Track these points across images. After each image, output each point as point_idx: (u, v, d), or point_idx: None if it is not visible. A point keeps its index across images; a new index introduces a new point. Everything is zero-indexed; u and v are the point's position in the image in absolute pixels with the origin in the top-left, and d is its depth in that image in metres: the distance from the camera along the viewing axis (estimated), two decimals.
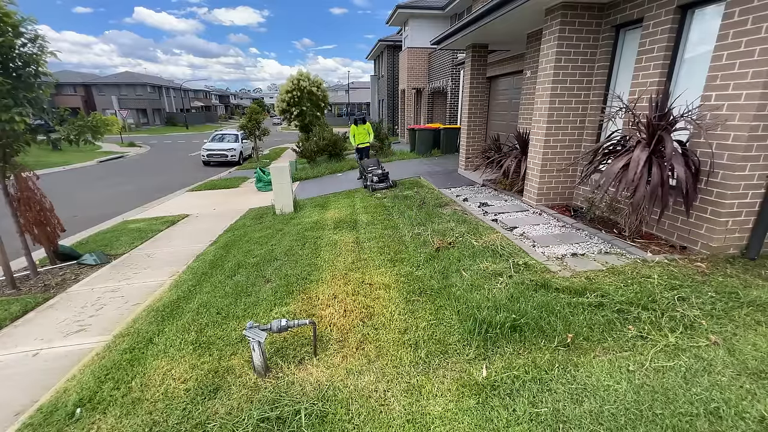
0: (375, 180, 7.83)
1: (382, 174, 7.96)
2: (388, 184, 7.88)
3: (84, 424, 2.21)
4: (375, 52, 24.96)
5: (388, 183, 7.91)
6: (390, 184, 7.86)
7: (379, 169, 8.26)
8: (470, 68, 8.20)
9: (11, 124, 3.72)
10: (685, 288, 3.04)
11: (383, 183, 7.88)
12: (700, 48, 3.87)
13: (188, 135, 36.76)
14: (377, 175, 7.91)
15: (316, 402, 2.21)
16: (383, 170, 8.14)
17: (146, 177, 13.92)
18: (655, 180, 3.52)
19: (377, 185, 7.79)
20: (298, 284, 3.75)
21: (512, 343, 2.59)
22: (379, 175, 7.89)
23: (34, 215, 4.56)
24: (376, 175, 7.90)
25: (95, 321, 3.55)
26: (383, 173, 7.99)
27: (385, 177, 7.94)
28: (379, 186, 7.74)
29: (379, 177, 7.87)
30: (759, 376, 2.17)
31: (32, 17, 3.76)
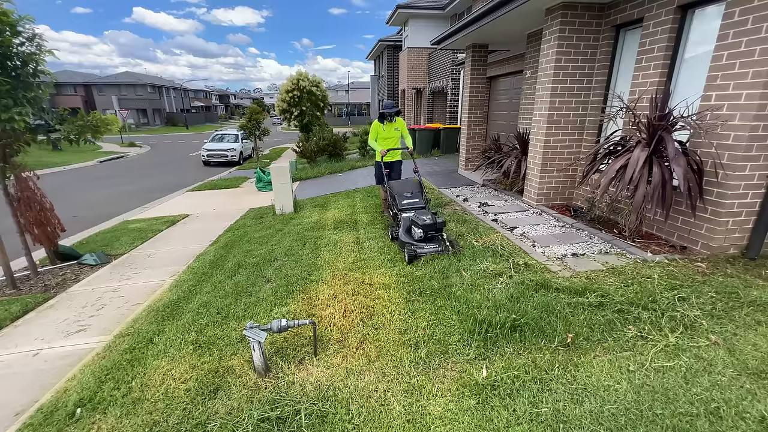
0: (419, 234, 4.03)
1: (433, 224, 4.04)
2: (444, 246, 4.05)
3: (84, 424, 2.20)
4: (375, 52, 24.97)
5: (443, 245, 4.06)
6: (447, 247, 4.05)
7: (423, 209, 4.43)
8: (470, 68, 8.20)
9: (11, 124, 3.72)
10: (685, 288, 3.04)
11: (434, 244, 4.07)
12: (701, 48, 3.87)
13: (188, 135, 36.76)
14: (424, 225, 4.01)
15: (316, 402, 2.21)
16: (435, 215, 4.16)
17: (146, 177, 13.92)
18: (655, 180, 3.52)
19: (422, 247, 4.00)
20: (298, 284, 3.75)
21: (512, 343, 2.59)
22: (426, 226, 4.01)
23: (35, 215, 4.56)
24: (423, 225, 4.01)
25: (95, 321, 3.55)
26: (434, 222, 4.05)
27: (437, 229, 4.11)
28: (425, 249, 3.98)
29: (425, 229, 4.02)
30: (759, 376, 2.17)
31: (29, 16, 3.75)
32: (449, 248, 4.03)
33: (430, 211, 4.36)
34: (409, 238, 4.14)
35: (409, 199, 4.62)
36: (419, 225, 4.00)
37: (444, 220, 4.14)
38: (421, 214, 4.22)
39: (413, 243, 4.04)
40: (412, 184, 4.92)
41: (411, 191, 4.76)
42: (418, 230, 4.02)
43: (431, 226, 4.01)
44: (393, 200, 4.79)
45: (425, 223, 3.99)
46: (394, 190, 4.85)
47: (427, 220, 4.03)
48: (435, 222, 4.02)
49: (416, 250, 3.94)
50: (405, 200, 4.61)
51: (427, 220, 4.04)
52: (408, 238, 4.15)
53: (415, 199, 4.63)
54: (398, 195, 4.74)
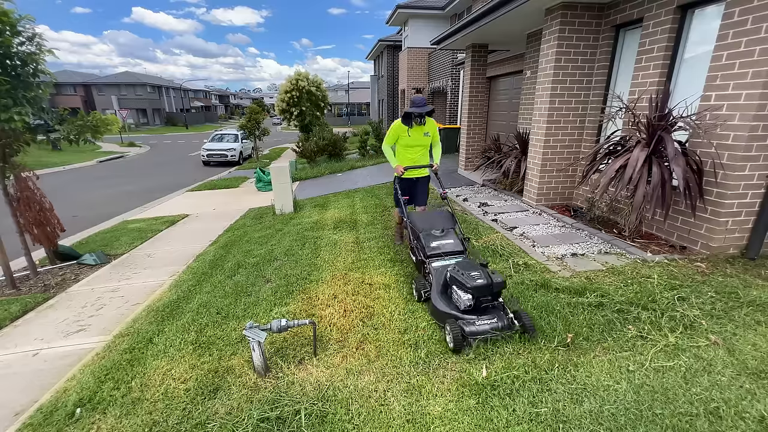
0: (467, 302, 2.61)
1: (488, 284, 2.58)
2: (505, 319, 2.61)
3: (84, 424, 2.20)
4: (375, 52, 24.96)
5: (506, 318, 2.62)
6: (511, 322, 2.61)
7: (469, 260, 3.08)
8: (470, 68, 8.20)
9: (10, 124, 3.71)
10: (685, 288, 3.04)
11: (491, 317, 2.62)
12: (700, 48, 3.87)
13: (188, 135, 36.75)
14: (474, 288, 2.56)
15: (316, 402, 2.21)
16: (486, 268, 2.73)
17: (146, 177, 13.91)
18: (655, 180, 3.52)
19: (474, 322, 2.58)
20: (298, 284, 3.75)
21: (512, 342, 2.59)
22: (477, 289, 2.57)
23: (34, 215, 4.56)
24: (472, 288, 2.56)
25: (95, 321, 3.55)
26: (490, 282, 2.59)
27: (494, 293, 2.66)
28: (480, 326, 2.57)
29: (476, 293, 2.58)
30: (759, 376, 2.17)
31: (29, 16, 3.75)
32: (515, 324, 2.58)
33: (480, 263, 2.78)
34: (450, 306, 2.73)
35: (439, 240, 3.30)
36: (467, 287, 2.57)
37: (504, 279, 2.63)
38: (466, 266, 2.74)
39: (458, 315, 2.62)
40: (441, 217, 3.60)
41: (441, 228, 3.43)
42: (465, 296, 2.60)
43: (486, 288, 2.56)
44: (417, 240, 3.44)
45: (476, 285, 2.55)
46: (417, 225, 3.52)
47: (479, 279, 2.57)
48: (491, 281, 2.57)
49: (464, 327, 2.52)
50: (434, 242, 3.29)
51: (479, 278, 2.58)
52: (447, 306, 2.74)
53: (448, 239, 3.31)
54: (424, 234, 3.37)
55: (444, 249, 3.26)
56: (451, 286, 2.80)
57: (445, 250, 3.26)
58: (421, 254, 3.31)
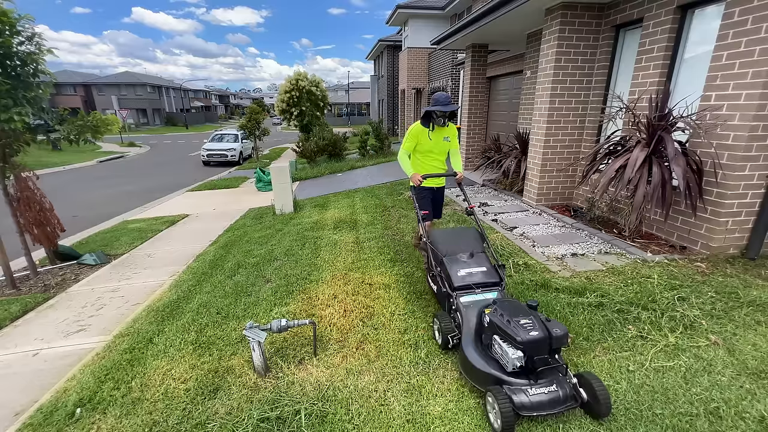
0: (516, 361, 1.92)
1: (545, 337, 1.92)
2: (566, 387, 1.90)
3: (84, 424, 2.20)
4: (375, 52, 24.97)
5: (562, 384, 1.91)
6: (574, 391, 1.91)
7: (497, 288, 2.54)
8: (470, 68, 8.21)
9: (10, 124, 3.71)
10: (685, 288, 3.04)
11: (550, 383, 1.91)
12: (700, 48, 3.88)
13: (188, 135, 36.75)
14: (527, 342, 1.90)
15: (316, 402, 2.21)
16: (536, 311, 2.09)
17: (146, 177, 13.91)
18: (655, 180, 3.52)
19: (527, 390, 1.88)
20: (298, 284, 3.75)
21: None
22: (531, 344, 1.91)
23: (34, 215, 4.56)
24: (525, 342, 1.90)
25: (95, 321, 3.55)
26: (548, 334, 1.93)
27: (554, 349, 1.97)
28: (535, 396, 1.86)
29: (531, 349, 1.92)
30: (759, 376, 2.17)
31: (29, 15, 3.75)
32: (581, 396, 1.92)
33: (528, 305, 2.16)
34: (490, 363, 2.07)
35: (468, 267, 2.64)
36: (517, 341, 1.93)
37: (567, 330, 1.97)
38: (511, 310, 2.12)
39: (503, 378, 1.98)
40: (468, 237, 2.94)
41: (470, 251, 2.78)
42: (513, 353, 1.94)
43: (543, 343, 1.93)
44: (439, 267, 2.79)
45: (530, 338, 1.92)
46: (440, 246, 2.86)
47: (534, 332, 1.94)
48: (549, 334, 1.94)
49: (512, 396, 1.87)
50: (462, 269, 2.63)
51: (533, 329, 1.95)
52: (486, 363, 2.08)
53: (479, 266, 2.65)
54: (449, 259, 2.73)
55: (475, 279, 2.58)
56: (492, 335, 2.12)
57: (476, 280, 2.57)
58: (446, 285, 2.62)
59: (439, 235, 3.04)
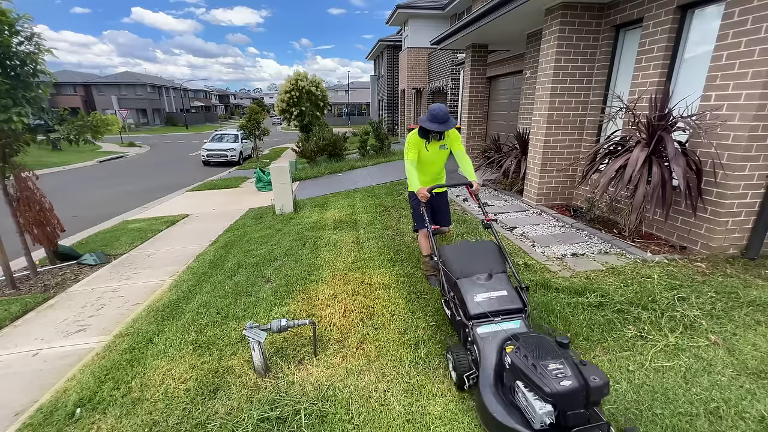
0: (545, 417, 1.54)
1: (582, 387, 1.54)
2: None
3: (84, 424, 2.20)
4: (375, 52, 24.97)
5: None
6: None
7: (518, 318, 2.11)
8: (470, 68, 8.21)
9: (10, 124, 3.71)
10: (685, 288, 3.04)
11: None
12: (700, 48, 3.88)
13: (188, 135, 36.74)
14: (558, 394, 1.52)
15: (316, 402, 2.21)
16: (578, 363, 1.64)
17: (146, 177, 13.91)
18: (655, 180, 3.52)
19: None
20: (298, 284, 3.75)
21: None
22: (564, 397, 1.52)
23: (34, 215, 4.56)
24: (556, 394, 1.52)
25: (95, 321, 3.55)
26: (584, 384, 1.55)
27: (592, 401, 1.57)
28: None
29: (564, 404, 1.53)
30: (759, 376, 2.17)
31: (28, 15, 3.75)
32: None
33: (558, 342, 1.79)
34: (514, 416, 1.72)
35: (486, 291, 2.27)
36: (545, 393, 1.59)
37: (606, 379, 1.63)
38: (537, 349, 1.77)
39: None
40: (486, 253, 2.57)
41: (488, 270, 2.40)
42: (542, 407, 1.60)
43: (577, 394, 1.59)
44: (453, 290, 2.45)
45: (562, 390, 1.57)
46: (454, 266, 2.47)
47: (567, 381, 1.59)
48: (586, 383, 1.60)
49: None
50: (479, 294, 2.26)
51: (566, 378, 1.60)
52: (509, 415, 1.73)
53: (499, 290, 2.28)
54: (464, 281, 2.36)
55: (494, 306, 2.20)
56: (515, 380, 1.76)
57: (495, 307, 2.19)
58: (461, 313, 2.28)
59: (452, 253, 2.58)
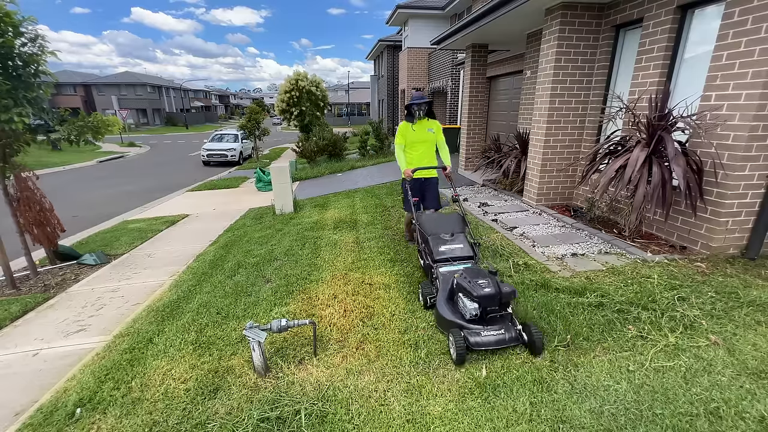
0: (473, 311, 2.50)
1: (496, 293, 2.45)
2: (514, 333, 2.47)
3: (84, 424, 2.20)
4: (375, 52, 24.97)
5: (513, 331, 2.48)
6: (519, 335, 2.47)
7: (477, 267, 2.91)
8: (470, 68, 8.20)
9: (10, 125, 3.72)
10: (685, 288, 3.04)
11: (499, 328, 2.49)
12: (700, 48, 3.88)
13: (188, 135, 36.75)
14: (481, 297, 2.45)
15: (316, 402, 2.21)
16: (495, 277, 2.60)
17: (146, 177, 13.91)
18: (655, 180, 3.52)
19: (479, 333, 2.47)
20: (298, 284, 3.75)
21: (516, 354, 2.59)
22: (484, 299, 2.45)
23: (34, 215, 4.56)
24: (479, 297, 2.45)
25: (95, 321, 3.55)
26: (498, 291, 2.46)
27: (502, 303, 2.54)
28: (486, 338, 2.45)
29: (483, 302, 2.47)
30: (759, 376, 2.17)
31: (32, 17, 3.76)
32: (523, 337, 2.44)
33: (489, 271, 2.62)
34: (455, 315, 2.59)
35: (448, 244, 3.17)
36: (474, 295, 2.44)
37: (514, 289, 2.48)
38: (473, 273, 2.61)
39: (465, 325, 2.50)
40: (451, 220, 3.46)
41: (451, 231, 3.31)
42: (470, 304, 2.48)
43: (493, 297, 2.42)
44: (425, 244, 3.35)
45: (483, 293, 2.41)
46: (427, 228, 3.41)
47: (487, 288, 2.43)
48: (499, 291, 2.42)
49: (469, 338, 2.42)
50: (443, 246, 3.16)
51: (486, 287, 2.44)
52: (453, 314, 2.60)
53: (457, 244, 3.17)
54: (432, 237, 3.28)
55: (453, 254, 3.10)
56: (458, 293, 2.65)
57: (453, 255, 3.10)
58: (429, 259, 3.20)
59: (427, 219, 3.57)
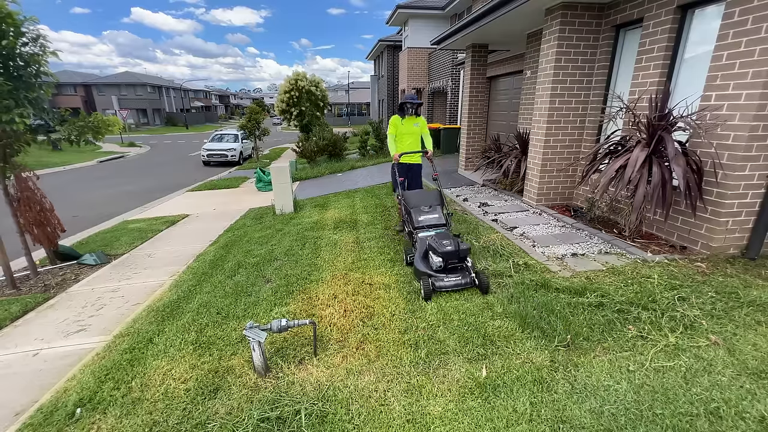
0: (438, 264, 3.34)
1: (455, 251, 3.30)
2: (469, 279, 3.31)
3: (84, 424, 2.20)
4: (375, 52, 24.97)
5: (468, 277, 3.32)
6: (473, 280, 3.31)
7: (443, 228, 3.84)
8: (470, 68, 8.20)
9: (11, 125, 3.72)
10: (685, 288, 3.04)
11: (456, 275, 3.33)
12: (700, 48, 3.87)
13: (188, 135, 36.75)
14: (443, 252, 3.29)
15: (316, 402, 2.21)
16: (457, 239, 3.43)
17: (146, 177, 13.91)
18: (655, 180, 3.52)
19: (442, 279, 3.30)
20: (298, 284, 3.75)
21: (512, 342, 2.59)
22: (446, 254, 3.29)
23: (35, 215, 4.56)
24: (442, 252, 3.29)
25: (95, 321, 3.55)
26: (457, 249, 3.30)
27: (460, 257, 3.37)
28: (446, 282, 3.29)
29: (445, 257, 3.30)
30: (759, 376, 2.17)
31: (34, 17, 3.76)
32: (475, 281, 3.30)
33: (453, 234, 3.61)
34: (426, 267, 3.42)
35: (426, 215, 3.94)
36: (438, 252, 3.29)
37: (469, 246, 3.37)
38: (441, 237, 3.46)
39: (431, 273, 3.35)
40: (430, 196, 4.21)
41: (429, 204, 4.07)
42: (436, 258, 3.34)
43: (453, 253, 3.29)
44: (408, 215, 4.09)
45: (445, 250, 3.28)
46: (410, 202, 4.14)
47: (448, 246, 3.29)
48: (458, 248, 3.29)
49: (434, 282, 3.27)
50: (422, 216, 3.93)
51: (448, 245, 3.30)
52: (425, 267, 3.43)
53: (434, 214, 3.94)
54: (414, 209, 4.03)
55: (429, 222, 3.90)
56: (429, 251, 3.48)
57: (430, 223, 3.89)
58: (410, 226, 4.01)
59: (410, 194, 4.29)
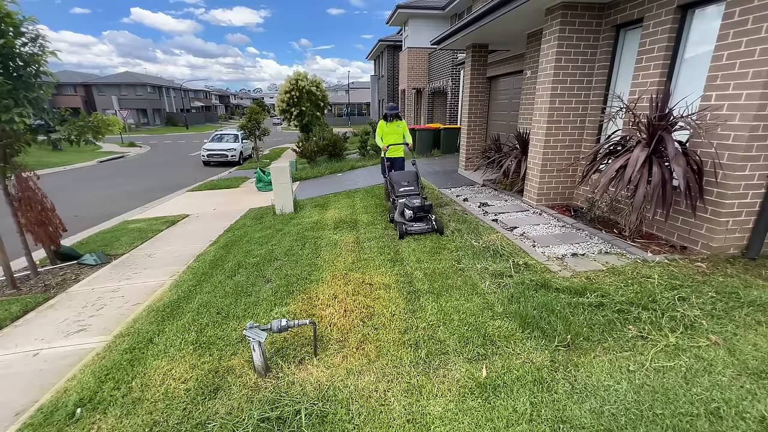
0: (409, 215, 4.86)
1: (422, 206, 4.87)
2: (431, 225, 4.79)
3: (84, 424, 2.20)
4: (375, 52, 24.98)
5: (430, 224, 4.81)
6: (433, 227, 4.77)
7: (417, 196, 5.18)
8: (470, 68, 8.20)
9: (11, 125, 3.72)
10: (685, 288, 3.04)
11: (422, 223, 4.84)
12: (701, 48, 3.87)
13: (188, 135, 36.76)
14: (413, 207, 4.84)
15: (317, 402, 2.21)
16: (424, 200, 5.07)
17: (146, 177, 13.92)
18: (655, 180, 3.51)
19: (412, 226, 4.78)
20: (299, 284, 3.75)
21: (512, 342, 2.59)
22: (415, 208, 4.83)
23: (35, 215, 4.56)
24: (412, 207, 4.84)
25: (95, 321, 3.55)
26: (423, 205, 4.89)
27: (425, 211, 4.89)
28: (414, 228, 4.75)
29: (415, 210, 4.83)
30: (759, 376, 2.17)
31: (33, 17, 3.76)
32: (434, 227, 4.73)
33: (421, 197, 5.15)
34: (402, 219, 4.88)
35: (405, 187, 5.39)
36: (410, 207, 4.81)
37: (431, 204, 4.95)
38: (413, 198, 4.97)
39: (404, 222, 4.82)
40: (410, 175, 5.62)
41: (408, 180, 5.51)
42: (408, 211, 4.82)
43: (420, 208, 4.81)
44: (392, 188, 5.58)
45: (414, 205, 4.82)
46: (394, 179, 5.60)
47: (416, 203, 4.84)
48: (423, 205, 4.84)
49: (406, 228, 4.73)
50: (402, 188, 5.40)
51: (417, 202, 4.85)
52: (401, 219, 4.89)
53: (411, 187, 5.41)
54: (396, 183, 5.51)
55: (407, 192, 5.32)
56: (403, 208, 4.89)
57: (407, 192, 5.30)
58: (393, 195, 5.44)
59: (395, 174, 5.71)
